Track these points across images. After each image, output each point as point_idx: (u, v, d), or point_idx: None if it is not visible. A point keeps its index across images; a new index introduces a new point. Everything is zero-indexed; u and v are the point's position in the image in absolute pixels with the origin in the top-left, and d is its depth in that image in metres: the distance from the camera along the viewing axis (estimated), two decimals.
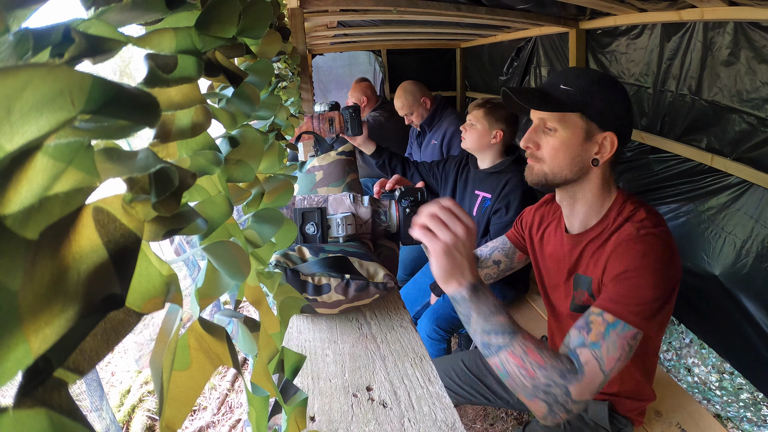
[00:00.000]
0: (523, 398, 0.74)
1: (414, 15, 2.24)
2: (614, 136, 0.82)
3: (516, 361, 0.72)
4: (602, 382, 0.72)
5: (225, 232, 0.27)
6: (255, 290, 0.32)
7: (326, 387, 0.72)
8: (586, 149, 0.83)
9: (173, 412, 0.18)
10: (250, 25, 0.32)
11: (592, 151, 0.84)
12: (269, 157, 0.45)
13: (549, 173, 0.86)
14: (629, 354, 0.73)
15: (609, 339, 0.73)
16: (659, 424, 1.13)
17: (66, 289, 0.12)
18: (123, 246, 0.14)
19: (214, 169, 0.27)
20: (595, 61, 2.22)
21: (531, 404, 0.74)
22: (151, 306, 0.16)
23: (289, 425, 0.33)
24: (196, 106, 0.25)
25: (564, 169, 0.85)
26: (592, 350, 0.73)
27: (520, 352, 0.72)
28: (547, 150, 0.85)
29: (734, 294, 1.56)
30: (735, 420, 1.60)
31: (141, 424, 2.06)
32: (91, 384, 1.55)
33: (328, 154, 1.31)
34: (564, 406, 0.71)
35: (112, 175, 0.15)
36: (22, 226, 0.11)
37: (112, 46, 0.16)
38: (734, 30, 1.47)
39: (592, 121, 0.82)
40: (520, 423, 1.76)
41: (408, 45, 3.88)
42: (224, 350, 0.22)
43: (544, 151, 0.86)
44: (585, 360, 0.72)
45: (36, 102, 0.11)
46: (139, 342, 2.52)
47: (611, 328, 0.73)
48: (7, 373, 0.11)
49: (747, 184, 1.52)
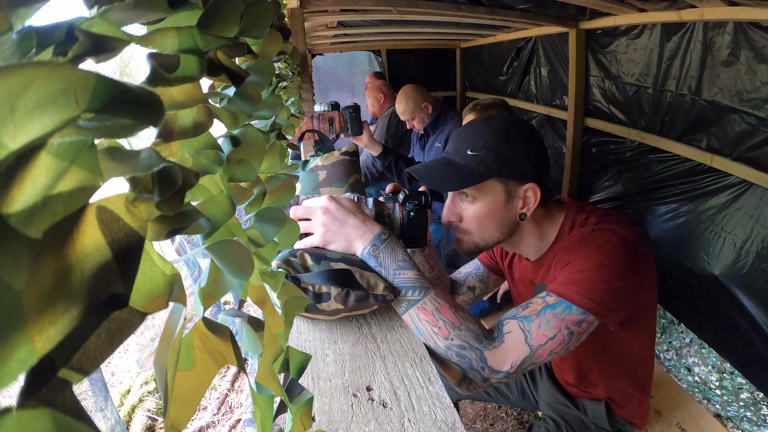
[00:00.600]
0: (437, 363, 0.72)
1: (414, 15, 2.24)
2: (535, 186, 0.79)
3: (427, 317, 0.71)
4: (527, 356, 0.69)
5: (227, 232, 0.27)
6: (259, 290, 0.32)
7: (326, 387, 0.72)
8: (510, 209, 0.80)
9: (178, 412, 0.18)
10: (252, 25, 0.32)
11: (516, 208, 0.81)
12: (271, 157, 0.45)
13: (480, 242, 0.83)
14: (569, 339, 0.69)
15: (543, 316, 0.70)
16: (659, 424, 1.13)
17: (70, 288, 0.12)
18: (126, 245, 0.14)
19: (216, 169, 0.27)
20: (594, 61, 2.22)
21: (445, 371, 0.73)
22: (154, 305, 0.16)
23: (295, 425, 0.33)
24: (198, 105, 0.25)
25: (493, 235, 0.82)
26: (520, 322, 0.70)
27: (432, 308, 0.70)
28: (471, 221, 0.82)
29: (734, 294, 1.56)
30: (735, 420, 1.60)
31: (141, 424, 2.06)
32: (95, 384, 1.55)
33: (332, 154, 1.30)
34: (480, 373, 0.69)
35: (115, 174, 0.15)
36: (25, 225, 0.11)
37: (116, 44, 0.16)
38: (734, 30, 1.47)
39: (509, 179, 0.78)
40: (520, 423, 1.77)
41: (408, 45, 3.88)
42: (228, 350, 0.22)
43: (468, 223, 0.83)
44: (508, 330, 0.70)
45: (40, 100, 0.11)
46: (140, 344, 2.51)
47: (549, 307, 0.70)
48: (10, 374, 0.10)
49: (747, 184, 1.52)
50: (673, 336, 1.93)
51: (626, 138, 2.08)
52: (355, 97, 3.98)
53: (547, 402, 1.07)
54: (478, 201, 0.80)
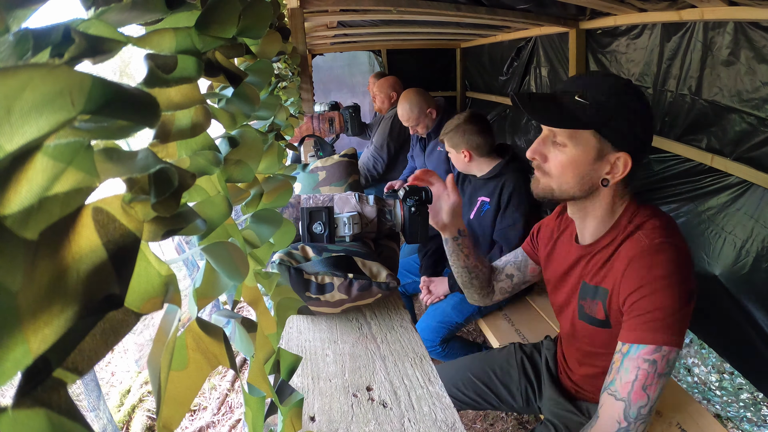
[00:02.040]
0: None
1: (414, 15, 2.24)
2: (628, 157, 0.77)
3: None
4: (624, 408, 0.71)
5: (224, 233, 0.27)
6: (252, 291, 0.32)
7: (326, 387, 0.72)
8: (596, 169, 0.79)
9: (171, 412, 0.18)
10: (250, 25, 0.32)
11: (602, 171, 0.79)
12: (268, 158, 0.45)
13: (556, 189, 0.82)
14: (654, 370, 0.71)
15: (623, 368, 0.72)
16: (659, 424, 1.13)
17: (65, 289, 0.12)
18: (122, 246, 0.14)
19: (213, 170, 0.27)
20: (595, 61, 2.22)
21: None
22: (150, 306, 0.16)
23: (285, 426, 0.33)
24: (195, 106, 0.25)
25: (572, 187, 0.81)
26: (608, 389, 0.73)
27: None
28: (555, 165, 0.80)
29: (734, 294, 1.56)
30: (735, 420, 1.60)
31: (141, 424, 2.06)
32: (88, 384, 1.55)
33: (331, 157, 1.34)
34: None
35: (111, 175, 0.15)
36: (21, 226, 0.11)
37: (112, 46, 0.16)
38: (734, 30, 1.47)
39: (606, 140, 0.76)
40: (520, 424, 1.76)
41: (408, 45, 3.88)
42: (221, 351, 0.22)
43: (551, 165, 0.81)
44: (601, 403, 0.73)
45: (36, 102, 0.11)
46: (139, 343, 2.52)
47: (625, 357, 0.73)
48: (6, 373, 0.11)
49: (747, 184, 1.52)
50: None
51: None
52: (355, 97, 3.98)
53: (550, 408, 1.07)
54: (568, 148, 0.78)
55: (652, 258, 0.75)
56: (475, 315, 1.72)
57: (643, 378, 0.71)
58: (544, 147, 0.82)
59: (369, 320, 0.91)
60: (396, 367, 0.77)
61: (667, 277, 0.73)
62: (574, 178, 0.80)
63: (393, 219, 1.00)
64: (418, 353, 0.81)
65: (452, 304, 1.70)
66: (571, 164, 0.79)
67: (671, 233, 0.78)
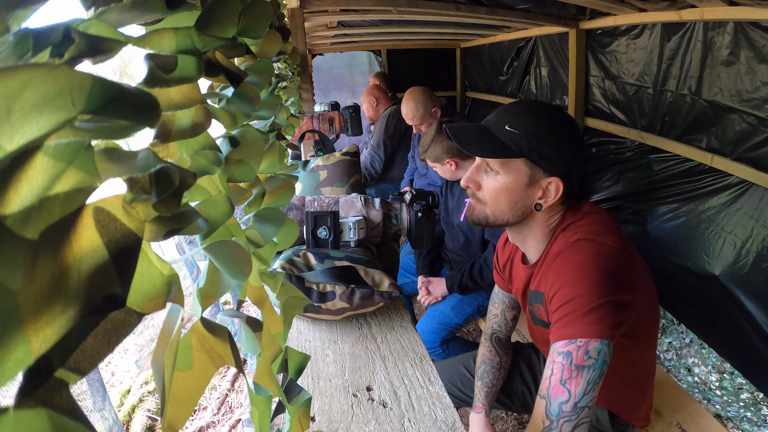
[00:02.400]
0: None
1: (414, 15, 2.24)
2: (560, 181, 0.79)
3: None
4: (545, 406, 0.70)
5: (226, 232, 0.27)
6: (258, 290, 0.32)
7: (326, 387, 0.72)
8: (528, 195, 0.81)
9: (175, 412, 0.18)
10: (250, 25, 0.32)
11: (535, 196, 0.81)
12: (270, 157, 0.45)
13: (490, 215, 0.84)
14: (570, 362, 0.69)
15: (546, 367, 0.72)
16: (659, 424, 1.13)
17: (67, 289, 0.12)
18: (123, 246, 0.14)
19: (214, 169, 0.27)
20: (594, 61, 2.22)
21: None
22: (152, 306, 0.16)
23: (293, 425, 0.33)
24: (196, 106, 0.25)
25: (505, 213, 0.83)
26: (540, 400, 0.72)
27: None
28: (488, 192, 0.83)
29: (734, 294, 1.56)
30: (735, 420, 1.60)
31: (141, 424, 2.06)
32: (93, 384, 1.55)
33: (333, 155, 1.31)
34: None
35: (112, 175, 0.15)
36: (22, 226, 0.11)
37: (112, 46, 0.16)
38: (734, 30, 1.47)
39: (537, 167, 0.79)
40: (521, 423, 1.77)
41: (408, 45, 3.88)
42: (226, 350, 0.22)
43: (485, 193, 0.83)
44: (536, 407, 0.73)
45: (36, 102, 0.11)
46: (139, 344, 2.52)
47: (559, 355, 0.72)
48: (7, 373, 0.11)
49: (747, 184, 1.52)
50: (673, 336, 1.92)
51: (626, 138, 2.08)
52: (355, 97, 3.98)
53: None
54: (500, 175, 0.81)
55: (567, 256, 0.77)
56: (475, 315, 1.73)
57: (558, 372, 0.69)
58: (477, 175, 0.85)
59: (369, 320, 0.91)
60: (396, 367, 0.77)
61: (576, 270, 0.73)
62: (507, 204, 0.82)
63: (399, 223, 0.99)
64: (418, 353, 0.81)
65: (451, 305, 1.70)
66: (504, 191, 0.81)
67: (597, 231, 0.78)
